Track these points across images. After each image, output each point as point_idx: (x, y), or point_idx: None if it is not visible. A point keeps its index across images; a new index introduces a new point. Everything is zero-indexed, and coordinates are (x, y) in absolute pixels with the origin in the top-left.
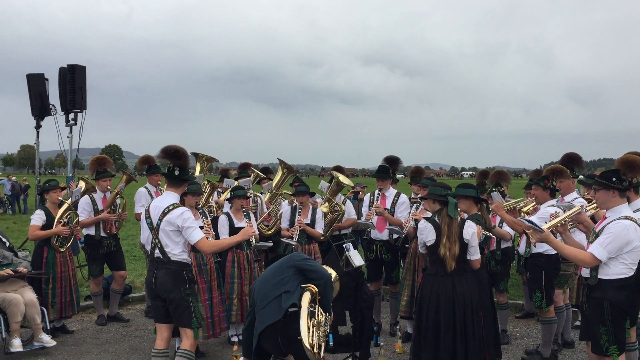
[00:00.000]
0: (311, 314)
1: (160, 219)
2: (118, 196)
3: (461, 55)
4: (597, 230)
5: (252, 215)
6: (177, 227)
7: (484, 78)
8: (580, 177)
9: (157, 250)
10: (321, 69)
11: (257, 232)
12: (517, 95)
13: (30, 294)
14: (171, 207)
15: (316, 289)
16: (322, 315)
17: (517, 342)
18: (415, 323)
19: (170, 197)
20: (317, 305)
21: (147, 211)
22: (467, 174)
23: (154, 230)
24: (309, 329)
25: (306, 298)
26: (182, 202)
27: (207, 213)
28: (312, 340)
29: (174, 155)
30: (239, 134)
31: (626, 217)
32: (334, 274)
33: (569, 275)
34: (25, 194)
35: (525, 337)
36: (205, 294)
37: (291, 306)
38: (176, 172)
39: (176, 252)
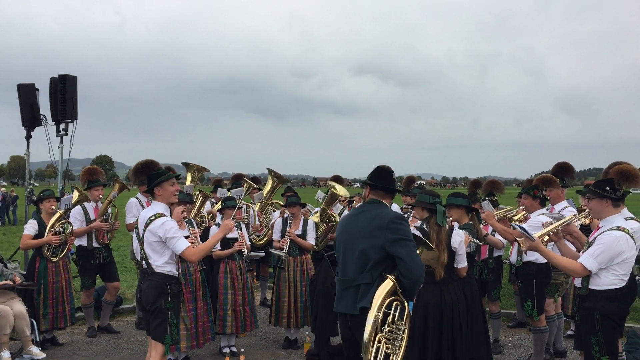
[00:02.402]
0: (384, 319)
1: (144, 230)
2: (111, 205)
3: (453, 65)
4: (590, 240)
5: (243, 226)
6: (160, 237)
7: (475, 88)
8: (579, 188)
9: (144, 262)
10: (314, 79)
11: (248, 243)
12: (509, 105)
13: (19, 306)
14: (153, 218)
15: (394, 281)
16: (399, 321)
17: (509, 352)
18: None
19: (155, 207)
20: (395, 304)
21: (137, 222)
22: (421, 182)
23: (141, 241)
24: (374, 341)
25: (379, 297)
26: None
27: (193, 222)
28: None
29: (136, 172)
30: (232, 144)
31: (618, 228)
32: (429, 255)
33: (559, 284)
34: (15, 205)
35: (518, 347)
36: (190, 304)
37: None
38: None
39: (159, 263)
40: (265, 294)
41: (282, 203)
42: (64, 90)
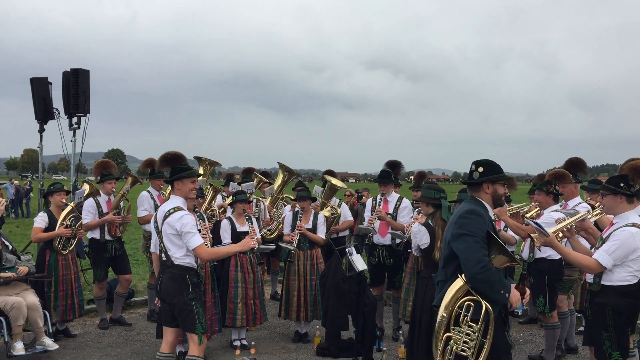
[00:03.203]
0: (456, 320)
1: (162, 223)
2: (123, 198)
3: (465, 60)
4: (604, 237)
5: (254, 220)
6: (177, 230)
7: (487, 83)
8: (584, 183)
9: (163, 254)
10: (324, 73)
11: (259, 237)
12: (521, 101)
13: (32, 297)
14: (172, 211)
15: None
16: (473, 323)
17: (520, 348)
18: (409, 326)
19: (173, 200)
20: (467, 305)
21: (155, 215)
22: (430, 179)
23: (160, 234)
24: (441, 340)
25: (447, 296)
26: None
27: (204, 216)
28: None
29: (165, 161)
30: (242, 138)
31: (633, 224)
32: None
33: (573, 281)
34: (28, 198)
35: (529, 343)
36: None
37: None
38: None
39: (178, 255)
40: (276, 288)
41: (292, 197)
42: (77, 84)
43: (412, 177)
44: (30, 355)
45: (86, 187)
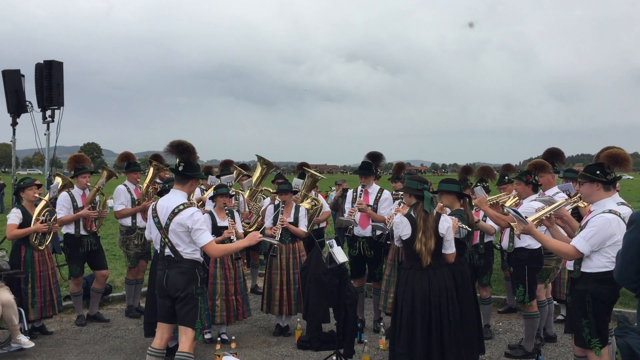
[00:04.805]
0: None
1: (170, 219)
2: (98, 192)
3: (443, 52)
4: (582, 224)
5: (236, 214)
6: (188, 228)
7: (465, 75)
8: (561, 173)
9: (167, 249)
10: (303, 66)
11: (241, 231)
12: (498, 92)
13: (7, 295)
14: (181, 207)
15: None
16: None
17: (500, 337)
18: (392, 317)
19: (177, 196)
20: None
21: (155, 210)
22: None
23: (163, 229)
24: None
25: None
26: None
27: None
28: None
29: (177, 148)
30: (221, 131)
31: (610, 211)
32: None
33: (550, 270)
34: (2, 193)
35: (508, 332)
36: None
37: None
38: (180, 168)
39: (188, 250)
40: (256, 282)
41: (271, 190)
42: (50, 76)
43: (383, 171)
44: (5, 354)
45: (59, 180)
